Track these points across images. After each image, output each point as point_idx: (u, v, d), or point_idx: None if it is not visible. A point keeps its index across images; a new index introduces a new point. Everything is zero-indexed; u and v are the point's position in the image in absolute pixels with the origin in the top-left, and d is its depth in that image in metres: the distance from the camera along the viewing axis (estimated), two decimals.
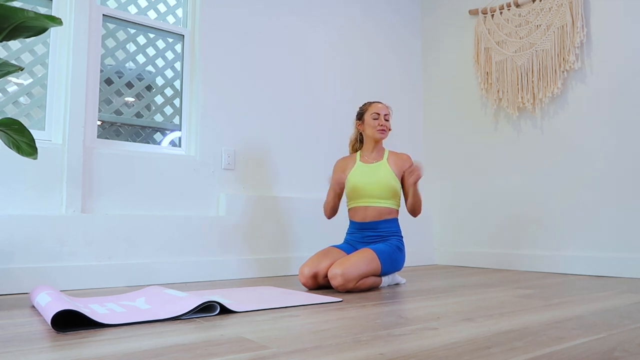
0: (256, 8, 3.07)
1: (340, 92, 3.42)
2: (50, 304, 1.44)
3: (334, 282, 2.05)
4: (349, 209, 2.45)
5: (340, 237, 3.09)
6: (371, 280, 2.16)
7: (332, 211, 2.46)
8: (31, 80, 2.39)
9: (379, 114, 2.40)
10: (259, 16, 3.07)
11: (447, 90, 3.75)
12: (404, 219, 3.48)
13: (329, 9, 3.43)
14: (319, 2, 3.37)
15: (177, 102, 2.82)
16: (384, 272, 2.21)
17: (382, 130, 2.40)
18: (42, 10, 2.44)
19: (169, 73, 2.81)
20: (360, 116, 2.47)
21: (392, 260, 2.23)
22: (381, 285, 2.25)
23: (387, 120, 2.41)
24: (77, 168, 2.36)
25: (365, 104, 2.49)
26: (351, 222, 2.43)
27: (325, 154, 3.27)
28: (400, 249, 2.30)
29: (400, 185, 2.40)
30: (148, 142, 2.72)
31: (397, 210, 2.40)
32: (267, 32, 3.10)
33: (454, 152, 3.67)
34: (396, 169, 2.39)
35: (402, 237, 2.37)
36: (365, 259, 2.11)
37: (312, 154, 3.22)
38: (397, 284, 2.37)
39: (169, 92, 2.80)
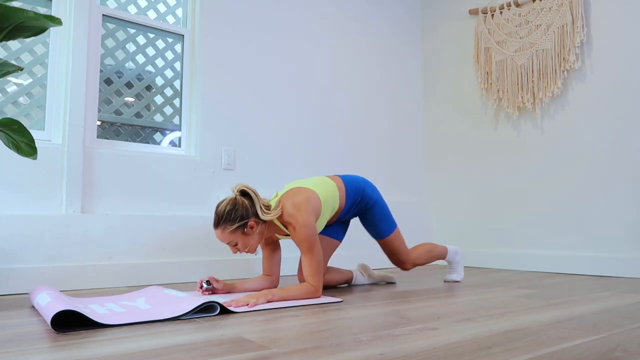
0: (256, 8, 3.06)
1: (339, 91, 3.42)
2: (50, 304, 1.44)
3: (405, 268, 2.31)
4: None
5: None
6: (426, 254, 2.36)
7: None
8: (31, 80, 2.39)
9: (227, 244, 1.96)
10: (259, 16, 3.07)
11: (447, 90, 3.75)
12: (403, 218, 3.49)
13: (329, 6, 3.42)
14: None
15: (176, 102, 2.82)
16: (392, 224, 2.25)
17: (246, 252, 1.97)
18: (42, 10, 2.44)
19: (169, 73, 2.81)
20: None
21: (387, 216, 2.25)
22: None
23: (235, 246, 1.91)
24: (77, 168, 2.36)
25: None
26: None
27: (325, 154, 3.27)
28: (381, 205, 2.23)
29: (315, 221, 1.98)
30: (148, 142, 2.72)
31: (343, 204, 2.13)
32: (267, 31, 3.10)
33: (454, 152, 3.67)
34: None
35: (367, 196, 2.19)
36: (399, 241, 2.26)
37: (312, 154, 3.22)
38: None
39: (168, 92, 2.80)
